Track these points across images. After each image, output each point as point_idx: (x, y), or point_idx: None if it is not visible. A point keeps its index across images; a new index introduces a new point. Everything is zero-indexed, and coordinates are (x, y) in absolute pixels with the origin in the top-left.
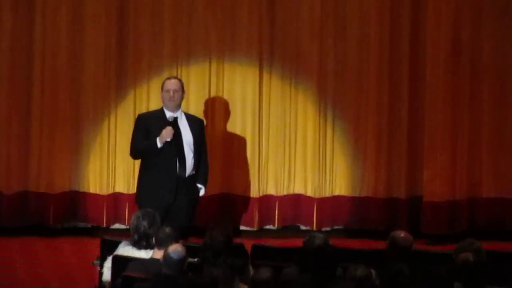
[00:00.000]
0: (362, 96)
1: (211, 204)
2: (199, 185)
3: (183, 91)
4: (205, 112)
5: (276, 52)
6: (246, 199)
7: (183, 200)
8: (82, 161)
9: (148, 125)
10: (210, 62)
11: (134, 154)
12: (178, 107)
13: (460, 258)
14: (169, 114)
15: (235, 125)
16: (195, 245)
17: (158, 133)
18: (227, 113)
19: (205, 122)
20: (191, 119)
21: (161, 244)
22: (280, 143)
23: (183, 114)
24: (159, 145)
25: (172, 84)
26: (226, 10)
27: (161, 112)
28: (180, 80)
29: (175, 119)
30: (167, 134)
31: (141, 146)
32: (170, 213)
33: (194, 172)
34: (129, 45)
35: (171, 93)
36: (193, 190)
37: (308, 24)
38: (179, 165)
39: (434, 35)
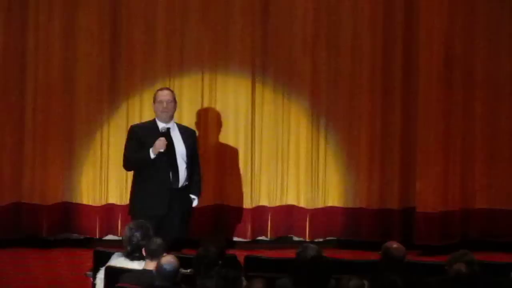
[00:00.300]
0: (354, 107)
1: (204, 215)
2: (192, 196)
3: (175, 102)
4: (198, 124)
5: (269, 64)
6: (239, 210)
7: (176, 211)
8: (75, 173)
9: (141, 136)
10: (203, 74)
11: (127, 165)
12: (171, 118)
13: (453, 269)
14: (161, 125)
15: (228, 137)
16: (188, 256)
17: (151, 144)
18: (220, 124)
19: (197, 133)
20: (183, 130)
21: (153, 255)
22: (273, 154)
23: (175, 125)
24: (152, 156)
25: (165, 95)
26: (219, 22)
27: (153, 123)
28: (172, 91)
29: (168, 130)
30: (160, 145)
31: (134, 157)
32: (163, 224)
33: (187, 183)
34: (121, 57)
35: (165, 104)
36: (186, 201)
37: (301, 36)
38: (172, 176)
39: (427, 47)
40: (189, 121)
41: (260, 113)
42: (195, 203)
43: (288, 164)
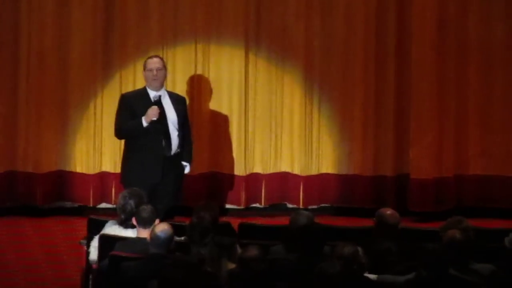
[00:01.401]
0: (348, 75)
1: (198, 183)
2: (184, 163)
3: (165, 69)
4: (191, 93)
5: (262, 32)
6: (232, 178)
7: (170, 179)
8: (68, 141)
9: (132, 104)
10: (196, 43)
11: (119, 134)
12: (161, 85)
13: (447, 236)
14: (152, 93)
15: (221, 105)
16: (182, 224)
17: (143, 113)
18: (213, 93)
19: (188, 100)
20: (174, 97)
21: (145, 223)
22: (266, 122)
23: (166, 92)
24: (145, 124)
25: (154, 62)
26: None
27: (144, 91)
28: (162, 59)
29: (159, 97)
30: (153, 113)
31: (126, 126)
32: (156, 192)
33: (179, 150)
34: (115, 26)
35: (155, 71)
36: (178, 168)
37: (294, 3)
38: (164, 144)
39: (420, 13)
40: (183, 90)
41: (254, 81)
42: (187, 170)
43: (281, 132)
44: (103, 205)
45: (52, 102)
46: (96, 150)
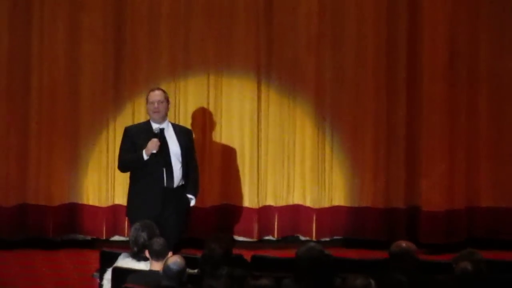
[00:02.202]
0: (359, 107)
1: (211, 215)
2: (189, 196)
3: (168, 101)
4: (203, 125)
5: (274, 65)
6: (245, 210)
7: (172, 212)
8: (80, 173)
9: (134, 137)
10: (208, 75)
11: (121, 167)
12: (164, 118)
13: (459, 268)
14: (155, 126)
15: (233, 137)
16: (194, 256)
17: (145, 146)
18: (225, 125)
19: (199, 133)
20: (178, 129)
21: (158, 256)
22: (278, 154)
23: (170, 125)
24: (145, 157)
25: (156, 95)
26: (223, 23)
27: (147, 124)
28: (164, 91)
29: (162, 130)
30: (152, 146)
31: (128, 159)
32: (159, 225)
33: (183, 183)
34: (126, 58)
35: (156, 104)
36: (182, 201)
37: (306, 36)
38: (166, 176)
39: (431, 45)
40: (194, 122)
41: (266, 113)
42: (192, 203)
43: (294, 164)
44: (116, 237)
45: (64, 134)
46: (108, 183)
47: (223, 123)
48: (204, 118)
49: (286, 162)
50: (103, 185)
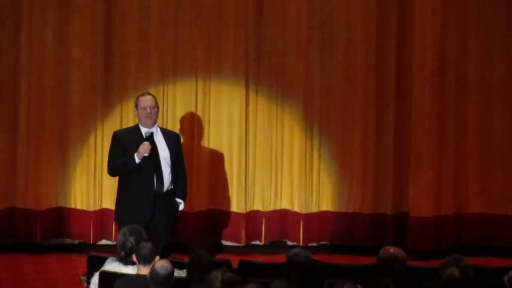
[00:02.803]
0: (348, 112)
1: (198, 220)
2: (178, 200)
3: (158, 107)
4: (191, 129)
5: (262, 70)
6: (233, 215)
7: (162, 216)
8: (68, 178)
9: (124, 142)
10: (196, 80)
11: (112, 171)
12: (154, 123)
13: (446, 274)
14: (145, 130)
15: (221, 142)
16: (181, 261)
17: (135, 150)
18: (213, 130)
19: (187, 137)
20: (167, 134)
21: (145, 260)
22: (266, 159)
23: (158, 129)
24: (137, 161)
25: (147, 100)
26: (212, 28)
27: (136, 128)
28: (154, 96)
29: (152, 134)
30: (144, 149)
31: (119, 163)
32: (148, 230)
33: (171, 187)
34: (115, 63)
35: (148, 110)
36: (171, 205)
37: (294, 41)
38: (156, 180)
39: (420, 52)
40: (183, 127)
41: (254, 118)
42: (181, 207)
43: (281, 169)
44: (103, 241)
45: (52, 138)
46: (96, 187)
47: (211, 128)
48: (192, 123)
49: (274, 167)
50: (91, 189)
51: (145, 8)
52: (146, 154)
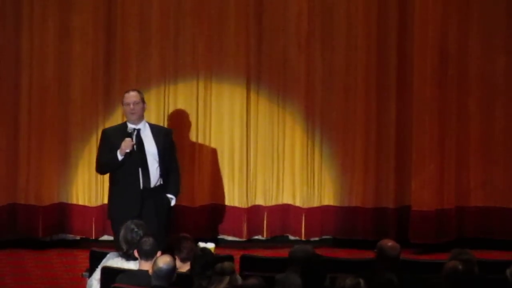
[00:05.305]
0: (349, 107)
1: (200, 215)
2: (169, 196)
3: (143, 102)
4: (193, 126)
5: (263, 67)
6: (234, 210)
7: (150, 212)
8: (70, 174)
9: (111, 139)
10: (198, 77)
11: (99, 169)
12: (140, 119)
13: (448, 267)
14: (131, 126)
15: (223, 136)
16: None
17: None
18: (215, 127)
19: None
20: (156, 130)
21: (147, 255)
22: (268, 154)
23: (147, 125)
24: (119, 157)
25: (131, 97)
26: (213, 26)
27: (124, 125)
28: (139, 92)
29: (138, 130)
30: (126, 145)
31: (104, 160)
32: None
33: (161, 183)
34: (116, 59)
35: (131, 105)
36: (161, 201)
37: (295, 39)
38: (142, 176)
39: (421, 46)
40: (185, 123)
41: (255, 113)
42: (172, 203)
43: (283, 163)
44: (105, 237)
45: (54, 134)
46: (98, 183)
47: (212, 123)
48: (194, 119)
49: (276, 161)
50: (93, 185)
51: (146, 6)
52: (128, 150)
